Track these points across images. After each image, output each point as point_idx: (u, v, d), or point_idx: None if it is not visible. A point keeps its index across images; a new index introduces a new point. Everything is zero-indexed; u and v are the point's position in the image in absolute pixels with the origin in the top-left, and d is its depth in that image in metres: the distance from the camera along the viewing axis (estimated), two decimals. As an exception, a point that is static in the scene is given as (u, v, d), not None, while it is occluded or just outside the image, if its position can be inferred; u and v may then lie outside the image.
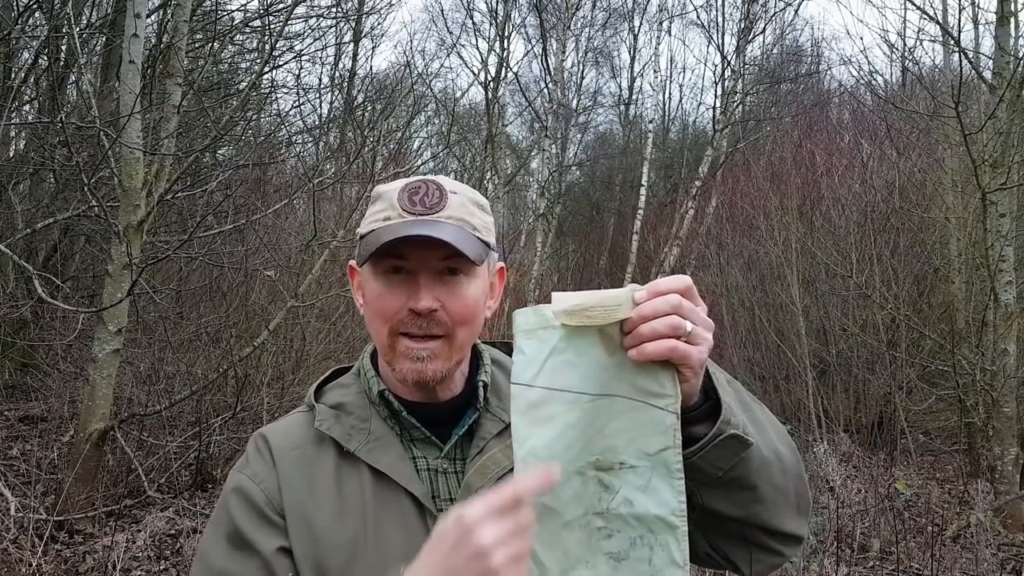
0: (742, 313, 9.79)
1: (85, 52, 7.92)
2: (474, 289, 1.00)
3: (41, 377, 7.04)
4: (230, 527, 0.97)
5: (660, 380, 0.82)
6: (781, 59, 17.37)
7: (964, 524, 5.31)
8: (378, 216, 1.01)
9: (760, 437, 0.91)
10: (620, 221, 18.06)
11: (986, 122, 5.73)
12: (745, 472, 0.89)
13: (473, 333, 1.03)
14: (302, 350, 6.50)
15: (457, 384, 1.05)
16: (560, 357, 0.82)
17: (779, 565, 1.01)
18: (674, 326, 0.80)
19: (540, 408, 0.82)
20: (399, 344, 0.98)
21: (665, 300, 0.81)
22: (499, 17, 16.91)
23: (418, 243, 0.95)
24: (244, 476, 1.01)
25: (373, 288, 1.00)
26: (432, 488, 1.00)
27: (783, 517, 0.95)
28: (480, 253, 0.99)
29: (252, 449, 1.05)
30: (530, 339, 0.84)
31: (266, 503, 0.98)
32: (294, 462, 1.01)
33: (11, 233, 6.28)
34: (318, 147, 10.53)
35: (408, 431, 1.03)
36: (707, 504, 0.92)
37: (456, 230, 0.97)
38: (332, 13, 10.17)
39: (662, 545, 0.82)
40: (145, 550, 4.45)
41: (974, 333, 6.49)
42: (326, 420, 1.03)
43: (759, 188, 10.64)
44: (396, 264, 0.98)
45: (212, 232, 6.07)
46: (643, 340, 0.81)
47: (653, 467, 0.83)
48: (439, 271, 0.98)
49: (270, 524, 0.97)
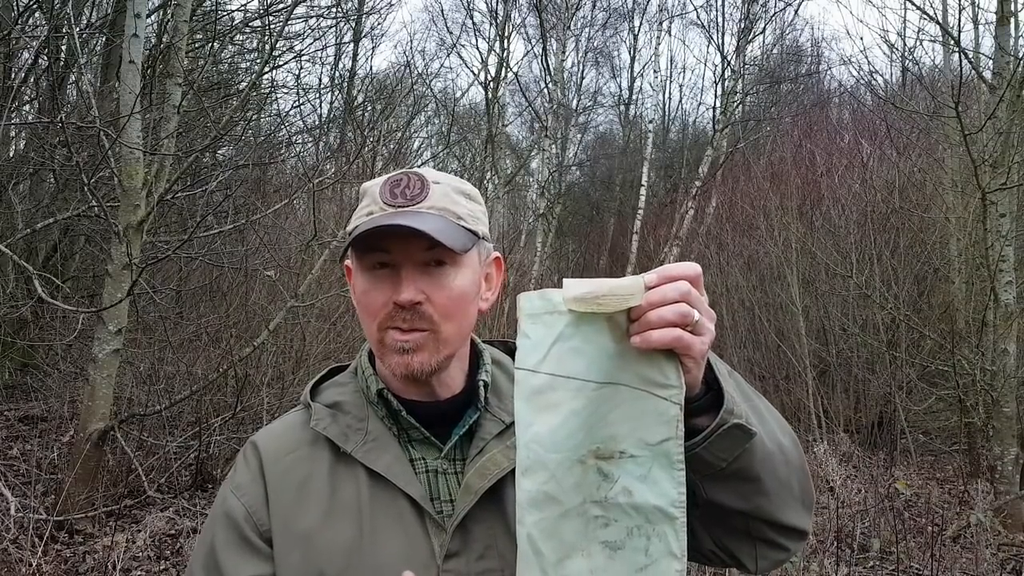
0: (742, 313, 9.79)
1: (85, 52, 7.92)
2: (461, 280, 0.97)
3: (41, 377, 7.04)
4: (207, 551, 0.97)
5: (664, 370, 0.81)
6: (781, 59, 17.37)
7: (964, 524, 5.31)
8: (362, 211, 1.00)
9: (763, 428, 0.90)
10: (620, 221, 18.07)
11: (986, 122, 5.73)
12: (748, 463, 0.88)
13: (463, 326, 1.00)
14: (302, 350, 6.49)
15: (457, 382, 1.03)
16: (567, 343, 0.82)
17: (784, 561, 1.00)
18: (682, 314, 0.79)
19: (545, 394, 0.82)
20: (387, 338, 0.97)
21: (675, 287, 0.80)
22: (499, 17, 16.92)
23: (399, 235, 0.93)
24: (229, 491, 1.00)
25: (360, 284, 0.99)
26: (431, 490, 0.98)
27: (787, 510, 0.94)
28: (464, 242, 0.96)
29: (240, 458, 1.03)
30: (535, 324, 0.83)
31: (246, 520, 0.96)
32: (287, 468, 0.99)
33: (11, 233, 6.28)
34: (318, 147, 10.53)
35: (406, 431, 1.01)
36: (710, 497, 0.91)
37: (438, 220, 0.95)
38: (332, 13, 10.18)
39: (659, 536, 0.82)
40: (145, 550, 4.45)
41: (974, 333, 6.48)
42: (322, 420, 1.01)
43: (759, 188, 10.64)
44: (380, 258, 0.96)
45: (212, 232, 6.07)
46: (650, 327, 0.79)
47: (654, 457, 0.82)
48: (424, 262, 0.96)
49: (249, 549, 0.95)
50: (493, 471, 0.96)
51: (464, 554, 0.94)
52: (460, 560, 0.93)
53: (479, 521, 0.95)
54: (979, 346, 6.15)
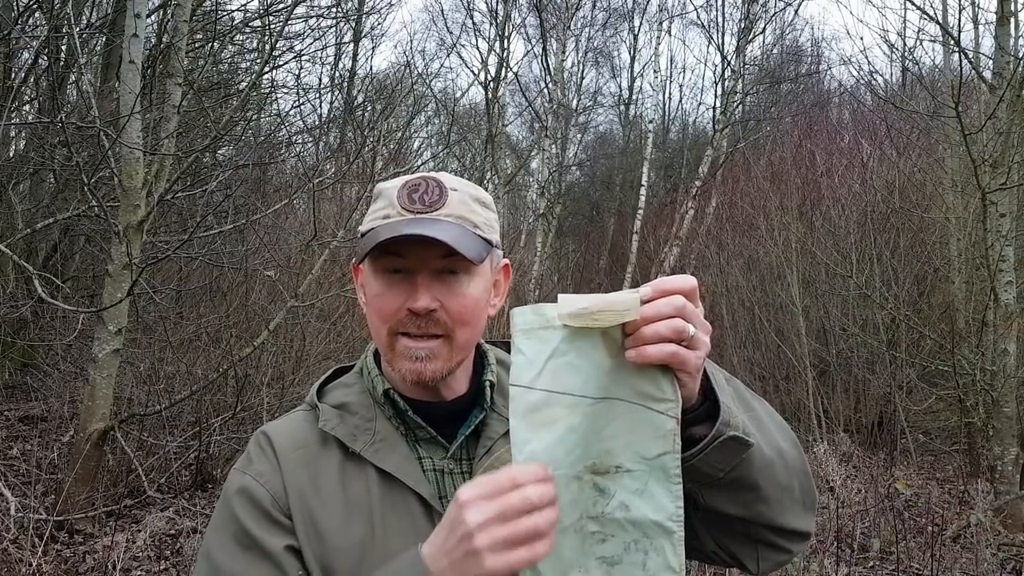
0: (742, 313, 9.79)
1: (85, 52, 7.92)
2: (475, 288, 0.98)
3: (41, 377, 7.04)
4: (236, 527, 0.95)
5: (660, 384, 0.81)
6: (781, 59, 17.37)
7: (964, 524, 5.31)
8: (378, 214, 1.00)
9: (762, 435, 0.90)
10: (620, 221, 18.05)
11: (986, 122, 5.73)
12: (747, 472, 0.88)
13: (475, 333, 1.01)
14: (302, 350, 6.49)
15: (462, 384, 1.04)
16: (562, 359, 0.81)
17: (786, 562, 1.00)
18: (677, 329, 0.79)
19: (540, 411, 0.81)
20: (398, 344, 0.97)
21: (669, 302, 0.80)
22: (499, 17, 16.92)
23: (416, 242, 0.93)
24: (249, 476, 0.98)
25: (373, 287, 0.99)
26: (439, 489, 0.98)
27: (788, 514, 0.94)
28: (480, 252, 0.96)
29: (255, 447, 1.02)
30: (530, 339, 0.82)
31: (272, 503, 0.96)
32: (298, 462, 0.99)
33: (11, 233, 6.29)
34: (318, 147, 10.52)
35: (413, 431, 1.02)
36: (709, 504, 0.91)
37: (455, 228, 0.95)
38: (332, 13, 10.19)
39: (657, 550, 0.81)
40: (145, 550, 4.45)
41: (974, 333, 6.48)
42: (330, 420, 1.01)
43: (759, 188, 10.64)
44: (395, 263, 0.96)
45: (212, 232, 6.07)
46: (645, 342, 0.79)
47: (651, 471, 0.81)
48: (439, 270, 0.96)
49: (277, 524, 0.95)
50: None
51: None
52: None
53: None
54: (979, 346, 6.15)
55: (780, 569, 4.48)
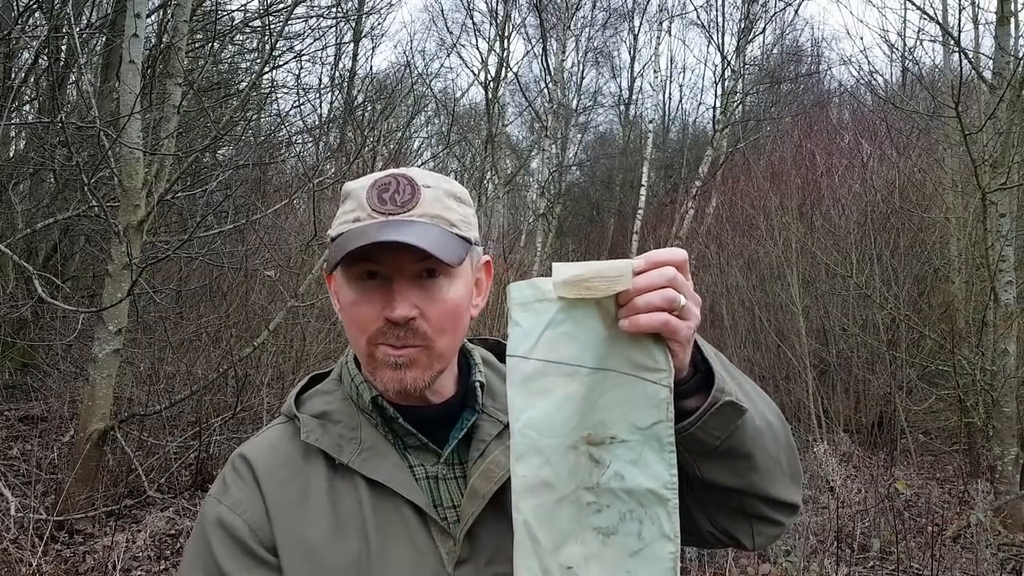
0: (742, 313, 9.79)
1: (85, 52, 7.91)
2: (455, 291, 0.93)
3: (41, 377, 7.04)
4: (211, 565, 0.89)
5: (653, 354, 0.82)
6: (781, 59, 17.38)
7: (964, 524, 5.31)
8: (348, 217, 0.94)
9: (751, 406, 0.90)
10: (620, 221, 18.06)
11: (986, 122, 5.73)
12: (740, 441, 0.88)
13: (456, 339, 0.97)
14: (302, 350, 6.49)
15: (448, 386, 1.00)
16: (558, 329, 0.82)
17: (778, 535, 1.02)
18: (669, 299, 0.79)
19: (537, 380, 0.82)
20: (378, 351, 0.92)
21: (660, 273, 0.80)
22: (499, 17, 16.94)
23: (390, 247, 0.88)
24: (224, 507, 0.92)
25: (347, 296, 0.94)
26: (432, 496, 0.95)
27: (778, 485, 0.95)
28: (459, 253, 0.92)
29: (231, 473, 0.95)
30: (526, 312, 0.82)
31: (250, 535, 0.90)
32: (282, 481, 0.93)
33: (11, 233, 6.29)
34: (318, 147, 10.51)
35: (402, 439, 0.97)
36: (706, 476, 0.91)
37: (431, 230, 0.90)
38: (332, 13, 10.19)
39: (652, 519, 0.82)
40: (145, 550, 4.45)
41: (974, 333, 6.48)
42: (312, 431, 0.95)
43: (759, 188, 10.63)
44: (369, 268, 0.91)
45: (212, 232, 6.06)
46: (637, 311, 0.80)
47: (645, 441, 0.82)
48: (416, 274, 0.91)
49: (256, 559, 0.90)
50: (498, 473, 0.94)
51: (473, 560, 0.92)
52: (470, 566, 0.92)
53: (484, 525, 0.93)
54: (979, 346, 6.15)
55: (780, 569, 4.49)
